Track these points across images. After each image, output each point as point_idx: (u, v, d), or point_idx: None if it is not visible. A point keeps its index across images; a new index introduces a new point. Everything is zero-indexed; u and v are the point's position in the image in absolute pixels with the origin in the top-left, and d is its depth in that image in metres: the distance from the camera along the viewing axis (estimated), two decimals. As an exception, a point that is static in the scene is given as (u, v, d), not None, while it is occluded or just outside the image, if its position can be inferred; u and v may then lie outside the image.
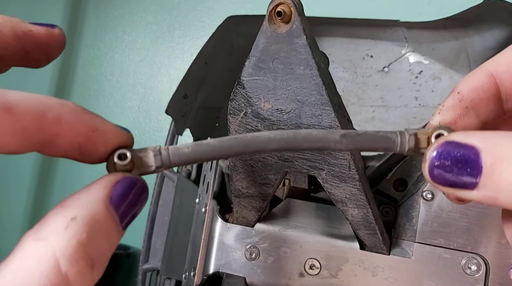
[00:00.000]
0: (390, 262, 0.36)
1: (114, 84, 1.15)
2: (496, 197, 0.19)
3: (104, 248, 0.18)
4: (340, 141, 0.22)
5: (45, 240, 0.17)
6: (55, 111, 0.19)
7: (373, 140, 0.22)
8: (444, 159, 0.20)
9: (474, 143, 0.19)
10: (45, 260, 0.17)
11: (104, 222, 0.18)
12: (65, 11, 1.18)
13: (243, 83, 0.32)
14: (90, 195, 0.19)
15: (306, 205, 0.40)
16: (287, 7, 0.30)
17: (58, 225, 0.17)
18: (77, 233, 0.17)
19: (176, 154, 0.21)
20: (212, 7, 1.07)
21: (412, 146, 0.22)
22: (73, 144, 0.19)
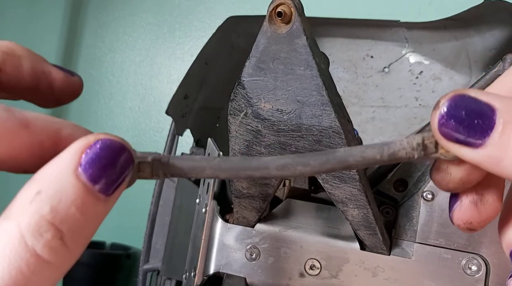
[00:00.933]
0: (391, 263, 0.36)
1: (115, 85, 1.15)
2: (501, 158, 0.18)
3: (75, 218, 0.17)
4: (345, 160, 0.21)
5: (11, 218, 0.17)
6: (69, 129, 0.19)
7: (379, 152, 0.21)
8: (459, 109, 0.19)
9: (491, 101, 0.19)
10: (12, 238, 0.16)
11: (72, 191, 0.17)
12: (66, 11, 1.18)
13: (243, 83, 0.32)
14: (58, 165, 0.18)
15: (306, 206, 0.40)
16: (287, 7, 0.30)
17: (23, 201, 0.17)
18: (40, 206, 0.17)
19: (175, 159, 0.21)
20: (213, 7, 1.07)
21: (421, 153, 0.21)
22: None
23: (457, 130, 0.19)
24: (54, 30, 1.18)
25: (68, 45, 1.18)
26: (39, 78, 0.24)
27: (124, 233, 1.03)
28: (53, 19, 1.18)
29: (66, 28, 1.18)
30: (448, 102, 0.19)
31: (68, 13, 1.18)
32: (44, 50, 1.18)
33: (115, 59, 1.16)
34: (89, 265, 0.92)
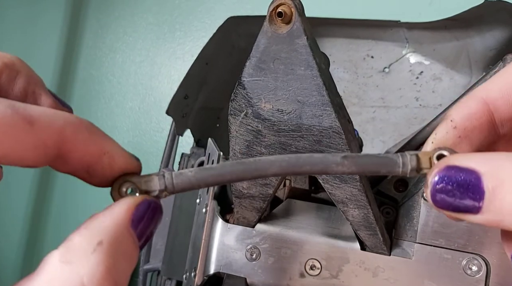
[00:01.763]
0: (391, 263, 0.36)
1: (115, 85, 1.15)
2: (501, 220, 0.19)
3: (126, 270, 0.19)
4: (342, 163, 0.21)
5: (72, 264, 0.17)
6: (73, 128, 0.19)
7: (375, 162, 0.22)
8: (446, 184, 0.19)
9: (474, 166, 0.19)
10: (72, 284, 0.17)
11: (127, 245, 0.19)
12: (66, 12, 1.18)
13: (243, 83, 0.32)
14: (114, 218, 0.19)
15: (306, 206, 0.40)
16: (287, 7, 0.30)
17: (85, 248, 0.18)
18: (105, 258, 0.17)
19: (179, 178, 0.21)
20: (213, 7, 1.07)
21: (414, 166, 0.21)
22: (83, 162, 0.20)
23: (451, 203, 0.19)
24: (54, 30, 1.18)
25: (69, 46, 1.18)
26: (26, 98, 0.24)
27: (124, 233, 1.03)
28: (53, 19, 1.18)
29: (66, 28, 1.18)
30: (435, 179, 0.20)
31: (68, 13, 1.18)
32: (44, 50, 1.19)
33: (115, 60, 1.16)
34: (89, 265, 0.92)
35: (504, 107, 0.21)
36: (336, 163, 0.21)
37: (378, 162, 0.22)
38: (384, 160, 0.22)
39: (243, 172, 0.21)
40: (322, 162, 0.21)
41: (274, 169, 0.21)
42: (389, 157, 0.22)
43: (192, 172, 0.21)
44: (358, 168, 0.21)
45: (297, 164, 0.21)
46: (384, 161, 0.22)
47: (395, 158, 0.22)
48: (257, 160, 0.22)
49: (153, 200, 0.21)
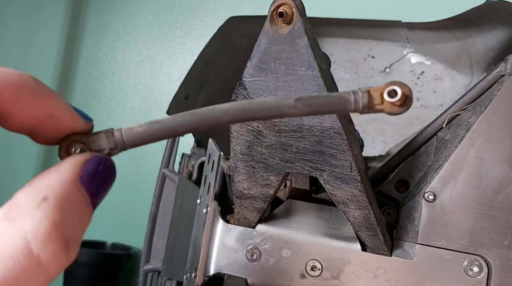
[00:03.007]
0: (392, 264, 0.36)
1: (115, 84, 1.15)
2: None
3: (77, 228, 0.18)
4: (295, 105, 0.21)
5: (15, 221, 0.16)
6: (13, 91, 0.18)
7: (327, 101, 0.21)
8: None
9: None
10: (15, 241, 0.16)
11: (75, 201, 0.18)
12: (66, 11, 1.18)
13: (244, 84, 0.32)
14: (60, 174, 0.18)
15: (307, 206, 0.40)
16: (288, 7, 0.30)
17: (29, 204, 0.17)
18: (50, 212, 0.17)
19: (129, 134, 0.20)
20: (213, 7, 1.07)
21: (366, 103, 0.21)
22: (24, 125, 0.19)
23: None
24: (55, 30, 1.18)
25: (69, 45, 1.18)
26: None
27: (125, 233, 1.03)
28: (54, 19, 1.18)
29: (67, 27, 1.18)
30: None
31: (69, 13, 1.18)
32: (45, 50, 1.19)
33: (115, 59, 1.15)
34: (89, 265, 0.92)
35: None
36: (289, 106, 0.21)
37: (331, 101, 0.21)
38: (336, 98, 0.21)
39: (196, 122, 0.21)
40: (276, 106, 0.21)
41: (227, 117, 0.21)
42: (341, 95, 0.21)
43: (143, 126, 0.21)
44: (311, 108, 0.21)
45: (250, 109, 0.21)
46: (336, 100, 0.21)
47: (346, 95, 0.21)
48: (210, 108, 0.21)
49: (103, 157, 0.20)
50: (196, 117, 0.21)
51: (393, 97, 0.21)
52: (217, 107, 0.21)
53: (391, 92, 0.21)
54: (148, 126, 0.20)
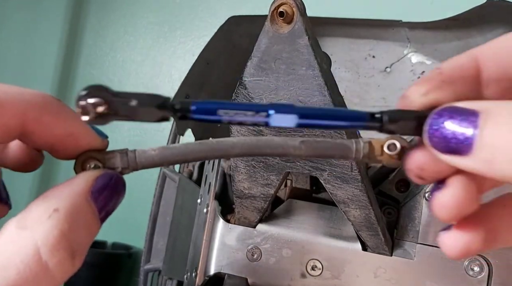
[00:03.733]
0: (392, 263, 0.36)
1: (116, 84, 1.15)
2: (491, 161, 0.18)
3: (84, 239, 0.19)
4: (300, 147, 0.22)
5: (27, 229, 0.18)
6: (37, 111, 0.19)
7: (330, 147, 0.22)
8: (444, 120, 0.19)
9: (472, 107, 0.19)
10: (26, 248, 0.17)
11: (84, 214, 0.19)
12: (67, 11, 1.18)
13: (245, 83, 0.32)
14: (72, 188, 0.20)
15: (308, 206, 0.40)
16: (289, 7, 0.30)
17: (40, 214, 0.18)
18: (60, 223, 0.18)
19: (142, 156, 0.22)
20: (214, 7, 1.07)
21: (366, 153, 0.22)
22: (46, 142, 0.20)
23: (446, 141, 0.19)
24: (55, 30, 1.18)
25: (69, 45, 1.18)
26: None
27: (125, 233, 1.03)
28: (54, 19, 1.18)
29: (67, 27, 1.18)
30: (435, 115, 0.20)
31: (69, 13, 1.18)
32: (45, 50, 1.19)
33: (116, 59, 1.15)
34: (90, 265, 0.92)
35: (494, 67, 0.21)
36: (294, 147, 0.22)
37: (333, 146, 0.22)
38: (338, 145, 0.22)
39: (206, 152, 0.22)
40: (281, 145, 0.22)
41: (236, 150, 0.22)
42: (344, 143, 0.22)
43: (156, 150, 0.22)
44: (315, 152, 0.22)
45: (257, 146, 0.22)
46: (339, 146, 0.22)
47: (349, 144, 0.22)
48: (219, 140, 0.22)
49: (115, 174, 0.21)
50: (206, 147, 0.22)
51: (392, 151, 0.22)
52: (227, 141, 0.22)
53: (391, 146, 0.22)
54: (161, 151, 0.22)
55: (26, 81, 1.18)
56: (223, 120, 0.20)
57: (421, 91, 0.21)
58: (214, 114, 0.20)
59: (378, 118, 0.21)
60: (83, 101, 0.20)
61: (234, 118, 0.21)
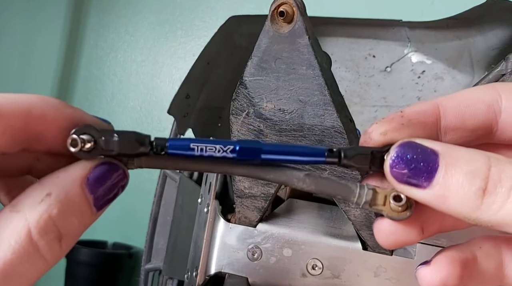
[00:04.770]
0: (393, 263, 0.36)
1: (117, 84, 1.15)
2: (447, 197, 0.20)
3: (73, 225, 0.20)
4: (303, 180, 0.22)
5: (20, 212, 0.19)
6: (39, 109, 0.20)
7: (333, 186, 0.23)
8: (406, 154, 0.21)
9: (434, 146, 0.21)
10: (19, 229, 0.18)
11: (76, 201, 0.20)
12: (68, 10, 1.18)
13: (245, 83, 0.32)
14: (68, 174, 0.20)
15: (308, 205, 0.40)
16: (289, 7, 0.30)
17: (34, 199, 0.19)
18: (50, 208, 0.19)
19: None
20: (215, 7, 1.07)
21: (368, 200, 0.22)
22: (57, 138, 0.21)
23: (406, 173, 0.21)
24: (56, 30, 1.18)
25: (70, 45, 1.18)
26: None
27: (126, 233, 1.03)
28: (54, 19, 1.18)
29: (68, 27, 1.18)
30: (398, 148, 0.21)
31: (70, 13, 1.18)
32: (46, 50, 1.19)
33: (117, 59, 1.16)
34: (91, 265, 0.92)
35: (452, 117, 0.23)
36: (298, 179, 0.22)
37: (336, 187, 0.23)
38: (342, 186, 0.23)
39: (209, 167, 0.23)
40: (286, 174, 0.23)
41: (240, 170, 0.22)
42: (348, 185, 0.23)
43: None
44: (317, 188, 0.23)
45: (263, 170, 0.22)
46: (342, 188, 0.22)
47: (353, 187, 0.22)
48: None
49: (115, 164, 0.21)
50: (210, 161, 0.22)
51: (398, 202, 0.22)
52: None
53: (396, 197, 0.22)
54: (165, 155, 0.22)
55: (27, 81, 1.18)
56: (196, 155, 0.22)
57: (381, 130, 0.23)
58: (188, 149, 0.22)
59: (336, 154, 0.22)
60: (75, 136, 0.21)
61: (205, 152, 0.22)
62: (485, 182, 0.20)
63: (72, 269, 0.92)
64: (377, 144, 0.23)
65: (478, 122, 0.23)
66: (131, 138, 0.22)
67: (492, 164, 0.20)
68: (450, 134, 0.23)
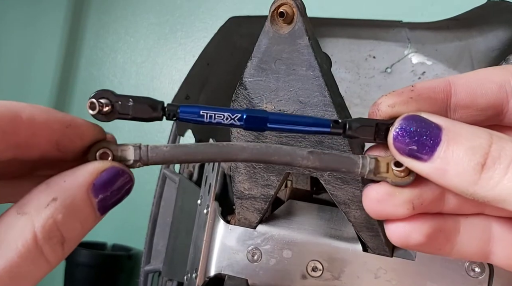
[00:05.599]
0: (393, 264, 0.36)
1: (117, 86, 1.15)
2: (446, 170, 0.21)
3: (76, 229, 0.20)
4: (307, 157, 0.23)
5: (27, 215, 0.19)
6: (28, 112, 0.20)
7: (337, 160, 0.23)
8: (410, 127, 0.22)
9: (438, 121, 0.22)
10: (26, 232, 0.19)
11: (81, 206, 0.20)
12: (67, 12, 1.18)
13: (245, 84, 0.32)
14: (75, 179, 0.20)
15: (308, 207, 0.40)
16: (289, 7, 0.30)
17: (40, 202, 0.19)
18: (55, 213, 0.19)
19: (154, 151, 0.22)
20: (215, 8, 1.07)
21: (372, 168, 0.23)
22: (50, 141, 0.21)
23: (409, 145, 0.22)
24: (56, 31, 1.18)
25: (70, 46, 1.18)
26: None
27: (125, 234, 1.03)
28: (54, 20, 1.18)
29: (67, 28, 1.18)
30: (402, 120, 0.22)
31: (69, 14, 1.18)
32: (45, 51, 1.19)
33: (116, 60, 1.15)
34: (90, 266, 0.92)
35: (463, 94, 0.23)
36: (302, 157, 0.23)
37: (340, 160, 0.23)
38: (345, 159, 0.23)
39: (215, 154, 0.22)
40: (290, 154, 0.23)
41: (244, 154, 0.22)
42: (350, 157, 0.23)
43: (168, 147, 0.22)
44: (321, 163, 0.23)
45: (266, 152, 0.23)
46: (345, 160, 0.23)
47: (356, 158, 0.23)
48: (230, 144, 0.23)
49: (122, 169, 0.21)
50: (216, 149, 0.22)
51: (399, 168, 0.22)
52: (237, 144, 0.23)
53: (397, 163, 0.22)
54: (172, 148, 0.22)
55: (27, 83, 1.18)
56: (205, 121, 0.23)
57: (389, 102, 0.23)
58: (197, 115, 0.22)
59: (340, 125, 0.23)
60: (94, 99, 0.21)
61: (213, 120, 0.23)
62: (484, 158, 0.20)
63: (72, 271, 0.92)
64: (384, 115, 0.23)
65: (489, 101, 0.23)
66: (145, 103, 0.22)
67: (494, 141, 0.21)
68: (460, 112, 0.23)
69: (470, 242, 0.24)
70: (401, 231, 0.23)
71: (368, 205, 0.24)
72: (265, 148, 0.23)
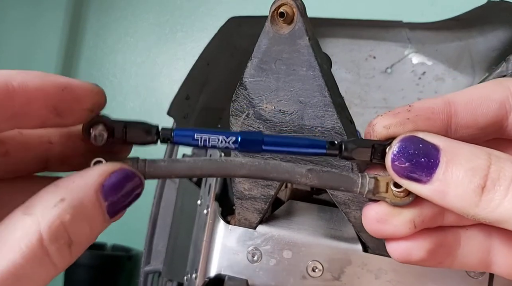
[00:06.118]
0: (394, 265, 0.36)
1: (116, 86, 1.15)
2: (446, 192, 0.20)
3: (85, 232, 0.20)
4: (306, 175, 0.22)
5: (33, 215, 0.18)
6: (20, 79, 0.19)
7: (336, 178, 0.23)
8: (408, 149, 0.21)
9: (436, 141, 0.21)
10: (31, 233, 0.18)
11: (90, 208, 0.19)
12: (67, 12, 1.18)
13: (245, 84, 0.32)
14: (83, 180, 0.20)
15: (308, 207, 0.40)
16: (289, 8, 0.30)
17: (47, 203, 0.19)
18: (62, 213, 0.18)
19: (151, 166, 0.22)
20: (215, 8, 1.07)
21: (371, 188, 0.22)
22: (47, 107, 0.20)
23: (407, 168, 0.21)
24: (56, 31, 1.18)
25: (70, 46, 1.18)
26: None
27: (125, 235, 1.03)
28: (54, 20, 1.18)
29: (67, 29, 1.18)
30: (399, 143, 0.22)
31: (69, 14, 1.18)
32: (45, 51, 1.19)
33: (116, 60, 1.16)
34: (90, 267, 0.92)
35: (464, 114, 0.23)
36: (301, 174, 0.22)
37: (339, 179, 0.23)
38: (344, 178, 0.23)
39: (213, 170, 0.22)
40: (288, 171, 0.22)
41: (243, 171, 0.22)
42: (350, 176, 0.23)
43: (165, 162, 0.22)
44: (320, 181, 0.23)
45: (265, 170, 0.22)
46: (344, 179, 0.23)
47: (355, 177, 0.23)
48: (228, 160, 0.22)
49: (132, 171, 0.21)
50: (214, 165, 0.22)
51: (399, 187, 0.22)
52: (236, 160, 0.22)
53: (397, 183, 0.22)
54: (169, 163, 0.22)
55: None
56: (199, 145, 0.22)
57: (384, 123, 0.23)
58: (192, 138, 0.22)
59: (336, 146, 0.23)
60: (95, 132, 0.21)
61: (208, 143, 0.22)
62: (484, 180, 0.20)
63: (71, 271, 0.92)
64: (380, 136, 0.23)
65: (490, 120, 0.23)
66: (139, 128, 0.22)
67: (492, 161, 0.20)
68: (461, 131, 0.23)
69: (471, 254, 0.24)
70: (402, 249, 0.23)
71: (368, 225, 0.23)
72: (263, 165, 0.22)
